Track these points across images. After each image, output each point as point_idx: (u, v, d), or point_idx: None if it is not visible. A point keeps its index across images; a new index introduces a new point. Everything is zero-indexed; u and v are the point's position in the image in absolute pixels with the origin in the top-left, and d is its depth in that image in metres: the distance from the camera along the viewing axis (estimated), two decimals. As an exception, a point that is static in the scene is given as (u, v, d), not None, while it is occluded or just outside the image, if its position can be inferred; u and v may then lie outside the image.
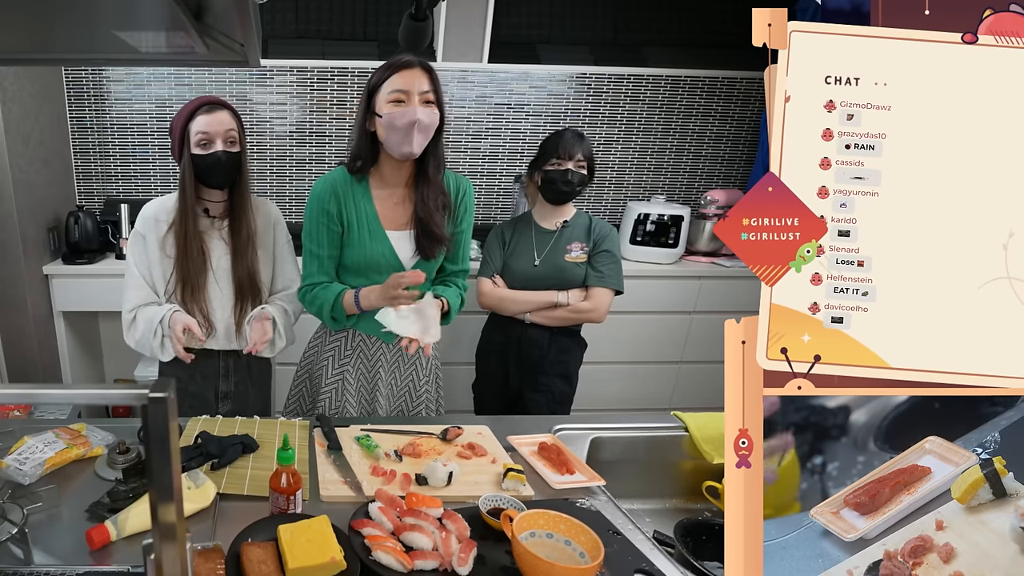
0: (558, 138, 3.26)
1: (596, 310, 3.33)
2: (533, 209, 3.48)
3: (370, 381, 2.87)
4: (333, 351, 2.87)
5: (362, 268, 2.71)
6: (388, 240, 2.68)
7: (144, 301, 2.71)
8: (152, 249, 2.69)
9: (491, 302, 3.41)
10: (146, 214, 2.72)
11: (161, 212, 2.69)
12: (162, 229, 2.68)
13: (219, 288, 2.72)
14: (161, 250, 2.68)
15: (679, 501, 2.56)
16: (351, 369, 2.85)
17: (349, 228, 2.68)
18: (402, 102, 2.46)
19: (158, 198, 2.78)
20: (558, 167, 3.23)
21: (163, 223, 2.68)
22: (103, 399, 1.03)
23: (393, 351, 2.83)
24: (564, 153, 3.22)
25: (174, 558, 1.07)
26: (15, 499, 1.93)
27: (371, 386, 2.87)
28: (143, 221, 2.71)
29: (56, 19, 1.33)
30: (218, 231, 2.71)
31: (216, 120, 2.53)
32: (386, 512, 1.86)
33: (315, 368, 2.92)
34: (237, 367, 2.86)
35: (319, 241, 2.69)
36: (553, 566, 1.61)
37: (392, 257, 2.68)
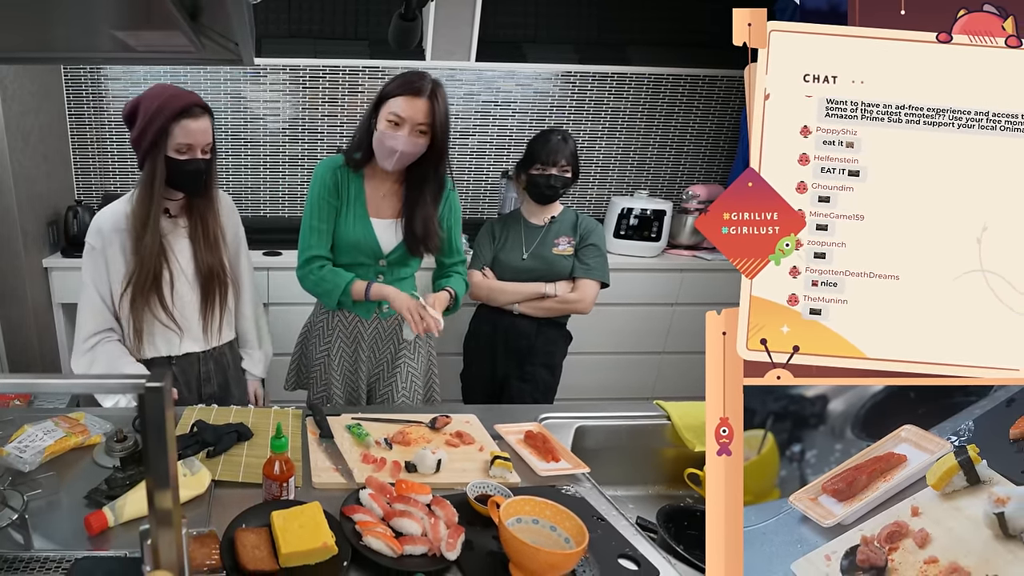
0: (544, 143, 3.29)
1: (583, 301, 3.36)
2: (522, 206, 3.52)
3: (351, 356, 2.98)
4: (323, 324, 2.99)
5: (343, 248, 2.81)
6: (371, 226, 2.78)
7: (103, 327, 2.56)
8: (114, 261, 2.51)
9: (481, 293, 3.43)
10: (104, 226, 2.51)
11: (120, 220, 2.50)
12: (124, 237, 2.49)
13: (188, 288, 2.61)
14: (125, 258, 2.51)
15: (661, 488, 2.56)
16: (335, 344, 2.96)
17: (341, 206, 2.78)
18: (397, 125, 2.55)
19: (108, 208, 2.56)
20: (542, 172, 3.28)
21: (123, 231, 2.49)
22: (101, 388, 1.02)
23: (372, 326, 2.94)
24: (548, 159, 3.25)
25: (170, 543, 1.07)
26: (15, 486, 1.92)
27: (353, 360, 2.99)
28: (100, 234, 2.51)
29: (56, 19, 1.32)
30: (183, 229, 2.58)
31: (200, 129, 2.38)
32: (376, 499, 1.86)
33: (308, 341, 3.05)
34: (218, 368, 2.78)
35: (320, 215, 2.76)
36: (539, 551, 1.61)
37: (373, 242, 2.79)
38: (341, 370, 2.99)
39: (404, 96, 2.54)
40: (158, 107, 2.32)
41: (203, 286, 2.62)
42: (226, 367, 2.79)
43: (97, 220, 2.53)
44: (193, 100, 2.36)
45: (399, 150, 2.58)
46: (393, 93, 2.57)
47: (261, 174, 4.93)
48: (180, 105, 2.33)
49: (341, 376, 2.99)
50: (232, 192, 4.93)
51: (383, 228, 2.80)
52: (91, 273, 2.54)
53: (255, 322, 2.88)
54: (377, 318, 2.92)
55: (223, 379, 2.78)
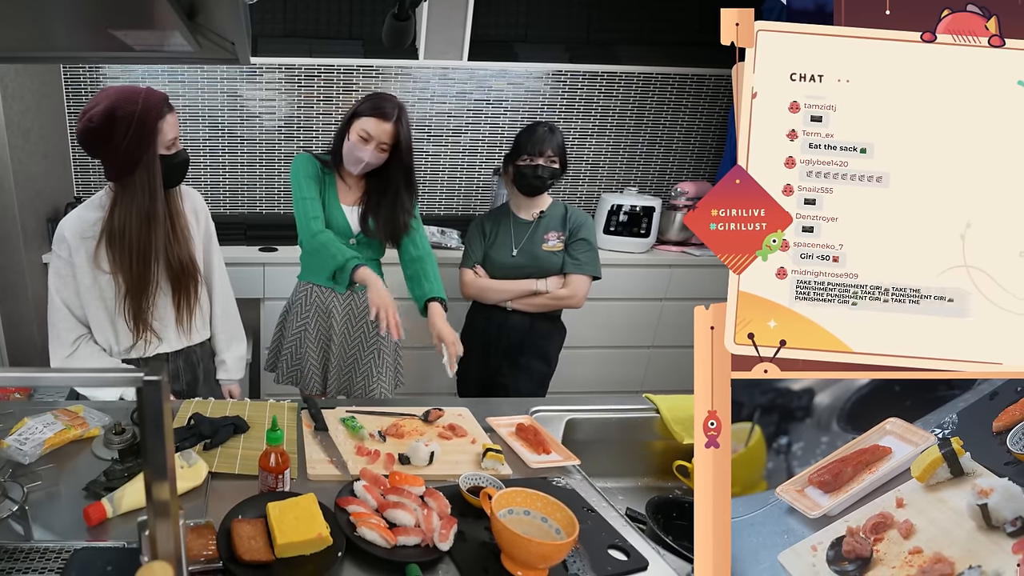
0: (530, 134, 3.26)
1: (574, 296, 3.34)
2: (511, 200, 3.48)
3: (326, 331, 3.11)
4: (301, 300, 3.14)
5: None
6: (342, 210, 3.01)
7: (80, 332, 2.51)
8: (81, 270, 2.41)
9: (473, 292, 3.42)
10: (68, 234, 2.41)
11: (86, 228, 2.40)
12: (90, 245, 2.39)
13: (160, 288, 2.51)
14: (94, 266, 2.41)
15: (651, 480, 2.57)
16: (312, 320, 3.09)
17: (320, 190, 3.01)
18: (366, 141, 2.82)
19: (72, 214, 2.46)
20: (529, 162, 3.24)
21: (90, 239, 2.39)
22: (100, 382, 1.02)
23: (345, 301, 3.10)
24: (535, 149, 3.22)
25: (167, 534, 1.07)
26: (15, 478, 1.91)
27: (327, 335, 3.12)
28: (63, 243, 2.41)
29: (55, 18, 1.32)
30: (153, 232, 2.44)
31: (176, 121, 2.37)
32: (370, 490, 1.86)
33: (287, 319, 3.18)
34: (187, 367, 2.70)
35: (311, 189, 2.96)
36: (530, 542, 1.61)
37: (343, 223, 3.00)
38: (318, 344, 3.10)
39: (374, 118, 2.79)
40: (142, 109, 2.26)
41: (174, 281, 2.54)
42: (195, 364, 2.73)
43: (60, 228, 2.44)
44: (163, 94, 2.34)
45: (365, 160, 2.84)
46: (365, 113, 2.82)
47: (257, 171, 4.95)
48: (159, 101, 2.30)
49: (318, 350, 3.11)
50: (228, 189, 4.94)
51: (351, 212, 3.02)
52: (56, 284, 2.46)
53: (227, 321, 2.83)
54: (351, 293, 3.08)
55: (192, 376, 2.73)
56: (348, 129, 2.85)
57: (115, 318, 2.49)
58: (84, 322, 2.50)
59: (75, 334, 2.50)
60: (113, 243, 2.38)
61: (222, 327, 2.80)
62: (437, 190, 5.14)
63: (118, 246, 2.38)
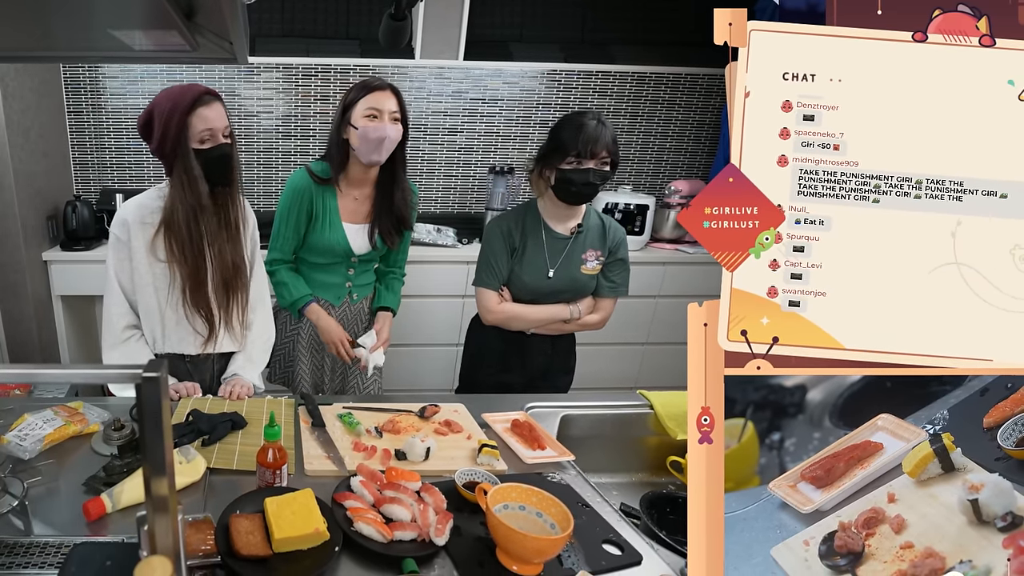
0: (577, 130, 2.62)
1: (602, 322, 2.97)
2: (541, 208, 2.86)
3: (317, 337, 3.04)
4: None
5: (320, 251, 2.92)
6: (343, 231, 2.88)
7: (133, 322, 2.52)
8: (138, 255, 2.43)
9: (499, 319, 2.90)
10: (128, 218, 2.43)
11: (146, 214, 2.42)
12: (149, 232, 2.41)
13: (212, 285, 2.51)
14: (150, 254, 2.43)
15: (644, 475, 2.56)
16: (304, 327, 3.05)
17: (315, 218, 2.88)
18: (376, 118, 2.69)
19: (134, 199, 2.48)
20: (577, 166, 2.63)
21: (149, 225, 2.41)
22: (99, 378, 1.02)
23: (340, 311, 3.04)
24: (586, 150, 2.59)
25: (166, 529, 1.07)
26: (16, 473, 1.92)
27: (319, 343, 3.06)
28: (124, 226, 2.43)
29: (55, 18, 1.32)
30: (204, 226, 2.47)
31: (217, 114, 2.33)
32: (367, 486, 1.86)
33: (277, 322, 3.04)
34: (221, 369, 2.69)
35: (288, 223, 2.88)
36: (525, 536, 1.61)
37: (345, 245, 2.89)
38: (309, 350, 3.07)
39: (372, 93, 2.70)
40: (171, 106, 2.29)
41: (225, 282, 2.52)
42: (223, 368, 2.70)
43: (122, 212, 2.46)
44: (202, 89, 2.33)
45: (387, 135, 2.68)
46: (359, 96, 2.71)
47: (255, 170, 4.93)
48: (191, 96, 2.29)
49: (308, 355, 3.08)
50: (226, 187, 4.93)
51: (355, 232, 2.91)
52: (115, 264, 2.48)
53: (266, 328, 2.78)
54: (347, 304, 3.04)
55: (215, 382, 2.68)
56: (348, 123, 2.72)
57: (164, 309, 2.49)
58: (135, 308, 2.51)
59: (126, 321, 2.51)
60: (169, 232, 2.41)
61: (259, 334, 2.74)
62: (433, 189, 5.13)
63: (174, 236, 2.41)
